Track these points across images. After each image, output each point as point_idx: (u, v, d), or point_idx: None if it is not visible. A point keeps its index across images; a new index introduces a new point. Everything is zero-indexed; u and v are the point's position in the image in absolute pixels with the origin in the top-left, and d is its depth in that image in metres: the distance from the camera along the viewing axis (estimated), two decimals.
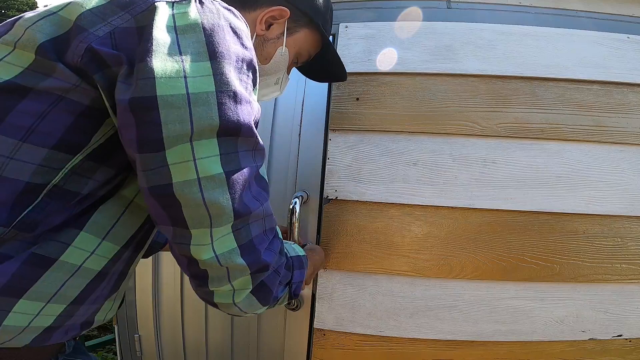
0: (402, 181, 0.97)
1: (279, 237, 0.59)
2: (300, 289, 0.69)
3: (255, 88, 0.51)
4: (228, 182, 0.45)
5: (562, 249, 0.94)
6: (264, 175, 0.52)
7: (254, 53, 0.50)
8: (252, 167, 0.48)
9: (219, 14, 0.47)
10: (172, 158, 0.42)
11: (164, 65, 0.42)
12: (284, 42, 0.71)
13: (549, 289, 0.95)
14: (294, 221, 0.97)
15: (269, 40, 0.70)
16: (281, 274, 0.60)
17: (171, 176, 0.43)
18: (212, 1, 0.48)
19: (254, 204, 0.49)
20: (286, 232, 0.96)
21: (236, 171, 0.46)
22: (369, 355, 0.97)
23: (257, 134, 0.49)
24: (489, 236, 0.95)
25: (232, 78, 0.45)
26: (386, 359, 0.97)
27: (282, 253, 0.60)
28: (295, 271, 0.67)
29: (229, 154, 0.45)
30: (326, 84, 1.12)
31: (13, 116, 0.42)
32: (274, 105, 1.17)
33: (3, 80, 0.42)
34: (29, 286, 0.43)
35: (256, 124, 0.49)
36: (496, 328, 0.95)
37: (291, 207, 0.97)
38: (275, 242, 0.57)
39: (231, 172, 0.45)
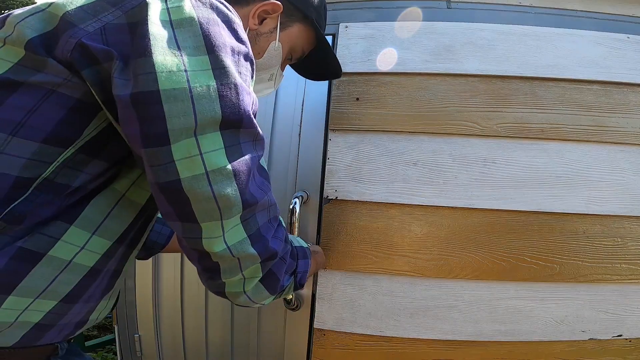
0: (402, 181, 0.97)
1: (283, 226, 0.60)
2: (305, 279, 0.70)
3: (252, 80, 0.51)
4: (235, 174, 0.46)
5: (562, 249, 0.94)
6: (264, 165, 0.53)
7: (250, 46, 0.51)
8: (254, 158, 0.49)
9: (213, 8, 0.47)
10: (178, 154, 0.42)
11: (164, 59, 0.42)
12: (277, 37, 0.70)
13: (549, 289, 0.95)
14: (294, 221, 0.97)
15: (262, 34, 0.69)
16: (287, 262, 0.62)
17: (178, 172, 0.43)
18: None
19: (259, 194, 0.50)
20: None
21: (241, 162, 0.46)
22: (369, 355, 0.97)
23: (257, 124, 0.49)
24: (489, 236, 0.95)
25: (232, 71, 0.45)
26: (386, 359, 0.97)
27: (287, 241, 0.61)
28: (299, 260, 0.68)
29: (233, 146, 0.46)
30: (326, 84, 1.12)
31: (3, 110, 0.42)
32: (274, 105, 1.17)
33: None
34: (17, 282, 0.43)
35: (254, 115, 0.49)
36: (496, 328, 0.95)
37: (291, 207, 0.97)
38: (281, 230, 0.58)
39: (236, 164, 0.46)
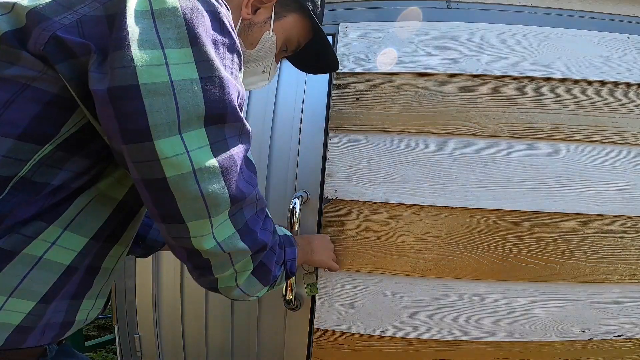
0: (402, 181, 0.97)
1: (270, 217, 0.59)
2: (295, 267, 0.70)
3: (240, 72, 0.50)
4: (222, 171, 0.45)
5: (562, 249, 0.94)
6: (251, 158, 0.52)
7: (236, 36, 0.49)
8: (241, 152, 0.48)
9: None
10: (163, 152, 0.41)
11: (143, 52, 0.40)
12: (272, 27, 0.67)
13: (549, 289, 0.94)
14: (294, 221, 0.97)
15: (256, 24, 0.66)
16: (276, 253, 0.61)
17: (164, 170, 0.41)
18: None
19: (248, 189, 0.49)
20: None
21: (228, 159, 0.45)
22: (369, 355, 0.97)
23: (243, 117, 0.48)
24: (489, 236, 0.95)
25: (216, 63, 0.43)
26: (386, 359, 0.97)
27: (275, 232, 0.61)
28: (286, 249, 0.68)
29: (218, 142, 0.45)
30: (326, 84, 1.12)
31: None
32: (274, 105, 1.17)
33: None
34: None
35: (241, 108, 0.48)
36: (496, 328, 0.95)
37: (291, 207, 0.97)
38: (268, 222, 0.57)
39: (223, 161, 0.45)
